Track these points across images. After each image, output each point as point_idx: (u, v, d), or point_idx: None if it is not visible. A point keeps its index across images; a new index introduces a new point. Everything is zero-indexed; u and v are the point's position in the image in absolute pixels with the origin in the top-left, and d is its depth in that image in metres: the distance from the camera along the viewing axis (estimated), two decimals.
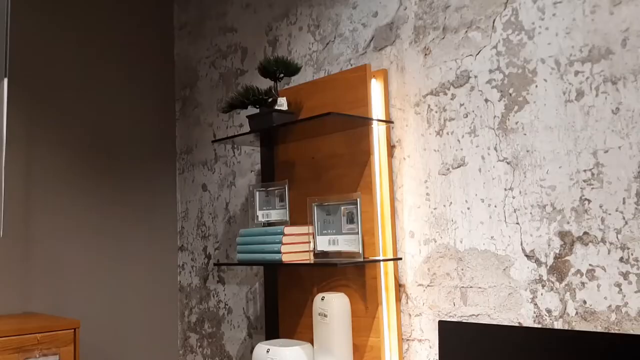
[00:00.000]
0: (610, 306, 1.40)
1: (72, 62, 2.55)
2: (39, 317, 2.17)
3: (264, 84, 2.33)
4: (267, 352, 1.87)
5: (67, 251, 2.45)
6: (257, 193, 2.09)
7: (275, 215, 2.04)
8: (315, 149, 2.04)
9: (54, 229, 2.43)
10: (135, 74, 2.75)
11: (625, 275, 1.38)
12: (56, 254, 2.42)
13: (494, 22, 1.66)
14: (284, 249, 1.84)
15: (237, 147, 2.51)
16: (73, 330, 2.00)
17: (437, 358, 1.64)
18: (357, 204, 1.79)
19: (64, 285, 2.43)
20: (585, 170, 1.46)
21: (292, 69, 1.94)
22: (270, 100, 1.94)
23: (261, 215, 2.08)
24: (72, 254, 2.47)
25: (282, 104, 1.94)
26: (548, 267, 1.52)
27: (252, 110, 2.18)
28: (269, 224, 2.05)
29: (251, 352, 1.96)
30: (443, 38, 1.78)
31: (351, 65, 2.04)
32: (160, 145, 2.81)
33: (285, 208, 2.01)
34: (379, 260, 1.79)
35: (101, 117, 2.62)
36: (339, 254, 1.84)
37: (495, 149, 1.64)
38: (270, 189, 2.06)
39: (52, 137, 2.46)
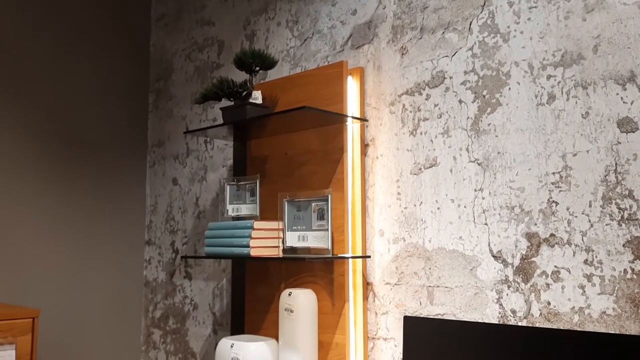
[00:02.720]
0: (573, 307, 1.42)
1: (43, 47, 2.49)
2: None
3: (240, 77, 2.31)
4: (231, 347, 1.84)
5: (29, 240, 2.39)
6: (228, 187, 2.07)
7: (245, 209, 2.02)
8: (288, 145, 2.03)
9: (16, 217, 2.36)
10: (109, 63, 2.70)
11: (589, 277, 1.40)
12: (18, 242, 2.36)
13: (470, 24, 1.68)
14: (252, 243, 1.82)
15: (210, 142, 2.48)
16: (31, 319, 1.94)
17: (402, 357, 1.63)
18: (328, 201, 1.78)
19: (25, 274, 2.36)
20: (554, 173, 1.48)
21: (268, 63, 1.93)
22: (244, 93, 1.93)
23: (231, 210, 2.05)
24: (35, 243, 2.40)
25: (257, 97, 1.93)
26: (514, 268, 1.53)
27: (226, 103, 2.16)
28: (239, 218, 2.03)
29: (215, 348, 1.93)
30: (420, 38, 1.79)
31: (328, 62, 2.04)
32: (131, 137, 2.76)
33: (256, 203, 1.99)
34: (347, 258, 1.79)
35: (72, 106, 2.56)
36: (307, 250, 1.82)
37: (467, 149, 1.65)
38: (241, 183, 2.04)
39: (18, 124, 2.40)
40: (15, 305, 2.26)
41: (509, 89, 1.58)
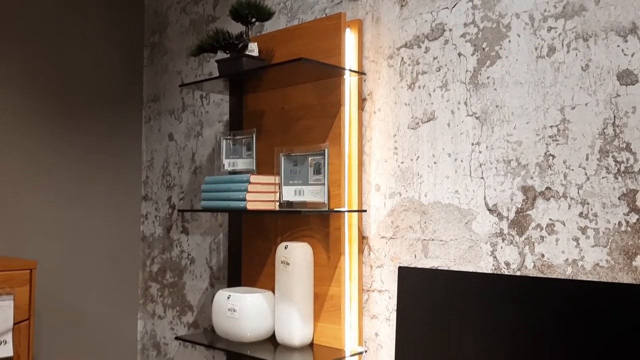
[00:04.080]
0: (567, 260, 1.43)
1: (36, 0, 2.44)
2: None
3: (236, 30, 2.27)
4: (228, 298, 1.87)
5: (27, 193, 2.39)
6: (224, 141, 2.06)
7: (241, 164, 2.02)
8: (285, 99, 2.01)
9: (14, 170, 2.35)
10: (103, 17, 2.65)
11: (583, 230, 1.41)
12: (16, 196, 2.35)
13: None
14: (249, 197, 1.82)
15: (206, 97, 2.46)
16: (29, 270, 1.95)
17: (396, 308, 1.66)
18: (324, 155, 1.78)
19: (23, 227, 2.37)
20: (551, 126, 1.47)
21: (264, 14, 1.90)
22: (240, 45, 1.90)
23: (227, 164, 2.05)
24: (32, 196, 2.40)
25: (253, 49, 1.90)
26: (509, 221, 1.54)
27: (222, 56, 2.13)
28: (235, 172, 2.02)
29: (212, 301, 1.95)
30: None
31: (326, 14, 2.00)
32: (126, 92, 2.73)
33: (252, 157, 1.98)
34: (343, 212, 1.79)
35: (66, 60, 2.52)
36: (304, 204, 1.83)
37: (465, 103, 1.64)
38: (237, 137, 2.03)
39: (13, 76, 2.37)
40: (13, 257, 2.27)
41: (509, 41, 1.56)
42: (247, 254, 2.10)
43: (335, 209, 1.80)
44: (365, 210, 1.84)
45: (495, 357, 1.41)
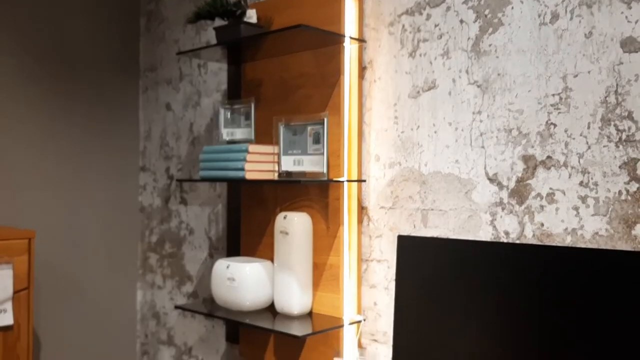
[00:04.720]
0: (566, 229, 1.43)
1: None
2: None
3: None
4: (227, 268, 1.87)
5: (25, 163, 2.37)
6: (222, 110, 2.04)
7: (240, 134, 2.00)
8: (284, 68, 1.99)
9: (11, 140, 2.34)
10: None
11: (583, 199, 1.41)
12: (13, 165, 2.34)
13: None
14: (247, 166, 1.81)
15: (204, 65, 2.43)
16: (28, 240, 1.95)
17: (395, 277, 1.66)
18: (324, 124, 1.76)
19: (21, 197, 2.36)
20: (553, 95, 1.46)
21: None
22: (239, 12, 1.87)
23: (225, 134, 2.03)
24: (30, 166, 2.39)
25: (252, 16, 1.87)
26: (509, 191, 1.53)
27: (220, 23, 2.10)
28: (234, 142, 2.01)
29: (211, 271, 1.96)
30: None
31: None
32: (123, 62, 2.70)
33: (251, 127, 1.97)
34: (342, 181, 1.78)
35: (62, 29, 2.48)
36: (303, 174, 1.82)
37: (467, 71, 1.62)
38: (236, 106, 2.01)
39: (8, 45, 2.33)
40: (11, 227, 2.27)
41: (512, 8, 1.54)
42: (246, 224, 2.10)
43: (334, 179, 1.79)
44: (364, 180, 1.83)
45: (494, 325, 1.41)
